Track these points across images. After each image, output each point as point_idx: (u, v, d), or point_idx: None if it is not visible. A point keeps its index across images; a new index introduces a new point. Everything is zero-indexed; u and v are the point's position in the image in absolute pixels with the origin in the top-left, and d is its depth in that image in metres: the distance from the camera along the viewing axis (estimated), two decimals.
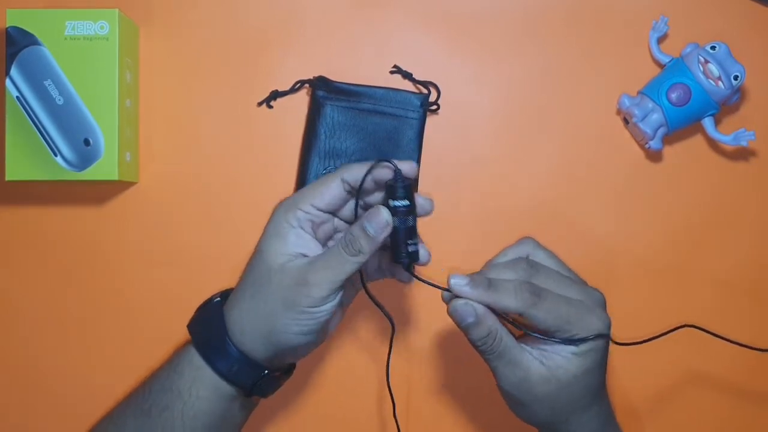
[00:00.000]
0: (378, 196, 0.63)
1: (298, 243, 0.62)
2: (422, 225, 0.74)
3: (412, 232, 0.61)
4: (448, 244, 0.75)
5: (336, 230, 0.66)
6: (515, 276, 0.61)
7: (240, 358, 0.63)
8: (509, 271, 0.62)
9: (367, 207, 0.62)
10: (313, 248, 0.62)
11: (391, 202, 0.60)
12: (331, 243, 0.65)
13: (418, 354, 0.75)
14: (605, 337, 0.61)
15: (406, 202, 0.60)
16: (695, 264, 0.76)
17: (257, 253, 0.63)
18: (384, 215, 0.60)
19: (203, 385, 0.64)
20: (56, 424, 0.74)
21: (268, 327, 0.62)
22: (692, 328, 0.67)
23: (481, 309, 0.60)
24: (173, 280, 0.74)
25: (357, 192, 0.62)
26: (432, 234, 0.75)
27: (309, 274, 0.61)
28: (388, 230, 0.60)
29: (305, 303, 0.60)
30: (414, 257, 0.62)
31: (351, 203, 0.64)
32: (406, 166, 0.61)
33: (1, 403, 0.75)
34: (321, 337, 0.65)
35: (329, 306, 0.61)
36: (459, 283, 0.60)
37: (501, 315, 0.60)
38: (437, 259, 0.74)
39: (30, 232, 0.75)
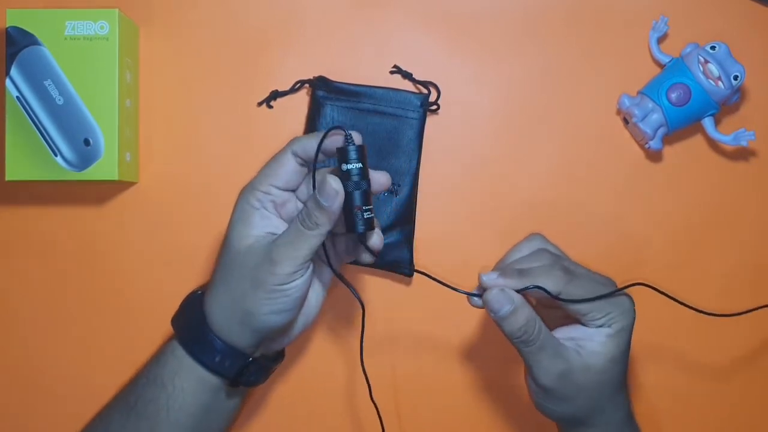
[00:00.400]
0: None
1: (262, 223, 0.62)
2: (422, 225, 0.75)
3: (366, 198, 0.59)
4: (447, 244, 0.75)
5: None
6: (541, 264, 0.61)
7: (223, 349, 0.63)
8: (534, 261, 0.62)
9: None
10: (279, 226, 0.62)
11: (344, 166, 0.58)
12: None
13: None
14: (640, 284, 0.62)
15: (358, 165, 0.58)
16: (695, 264, 0.76)
17: (224, 241, 0.63)
18: (332, 183, 0.58)
19: (187, 377, 0.64)
20: (56, 424, 0.74)
21: (241, 310, 0.61)
22: (646, 287, 0.66)
23: (517, 297, 0.60)
24: (173, 280, 0.74)
25: (314, 164, 0.60)
26: (432, 234, 0.75)
27: (272, 251, 0.60)
28: (340, 198, 0.58)
29: (272, 281, 0.60)
30: (370, 225, 0.59)
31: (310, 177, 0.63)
32: (356, 135, 0.60)
33: (1, 403, 0.75)
34: (297, 315, 0.64)
35: (299, 282, 0.60)
36: (491, 277, 0.61)
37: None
38: (438, 259, 0.74)
39: (30, 232, 0.74)
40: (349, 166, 0.59)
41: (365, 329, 0.66)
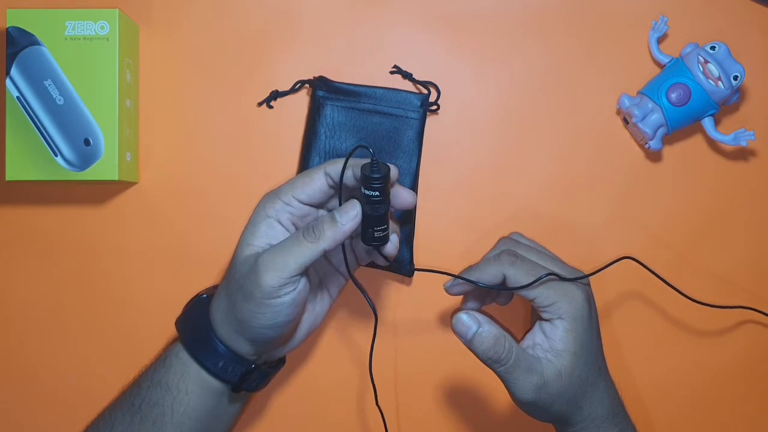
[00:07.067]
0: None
1: (266, 233, 0.61)
2: (422, 225, 0.75)
3: (381, 220, 0.60)
4: (447, 243, 0.75)
5: None
6: (491, 254, 0.65)
7: (226, 355, 0.63)
8: (492, 252, 0.66)
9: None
10: (281, 239, 0.61)
11: (364, 191, 0.59)
12: None
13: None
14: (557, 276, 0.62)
15: (377, 192, 0.59)
16: (694, 263, 0.76)
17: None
18: (355, 207, 0.59)
19: (191, 380, 0.64)
20: (56, 424, 0.74)
21: (236, 320, 0.62)
22: (633, 261, 0.69)
23: (482, 317, 0.61)
24: (173, 280, 0.74)
25: (339, 184, 0.61)
26: (432, 234, 0.75)
27: (259, 258, 0.59)
28: (354, 223, 0.59)
29: (258, 293, 0.59)
30: (383, 240, 0.61)
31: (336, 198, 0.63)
32: (395, 170, 0.61)
33: (1, 403, 0.75)
34: (295, 328, 0.64)
35: (287, 299, 0.59)
36: (448, 283, 0.64)
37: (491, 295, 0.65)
38: (437, 259, 0.74)
39: (30, 232, 0.75)
40: (370, 193, 0.59)
41: (369, 332, 0.66)
